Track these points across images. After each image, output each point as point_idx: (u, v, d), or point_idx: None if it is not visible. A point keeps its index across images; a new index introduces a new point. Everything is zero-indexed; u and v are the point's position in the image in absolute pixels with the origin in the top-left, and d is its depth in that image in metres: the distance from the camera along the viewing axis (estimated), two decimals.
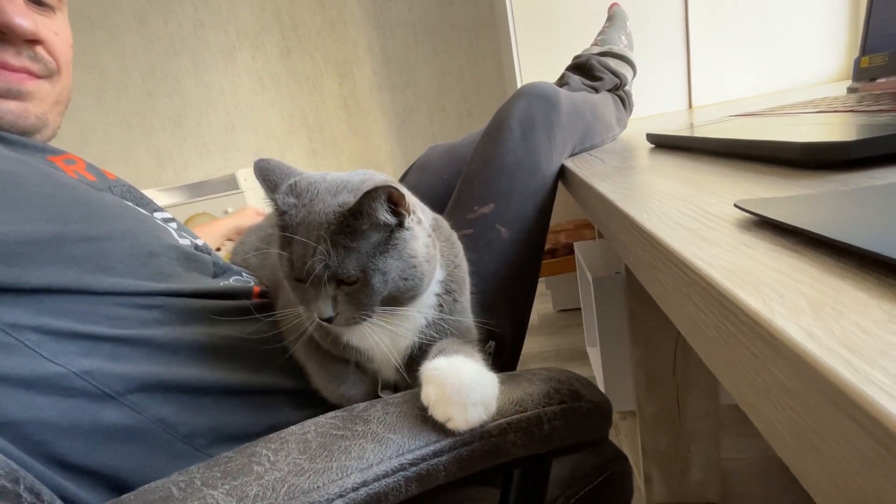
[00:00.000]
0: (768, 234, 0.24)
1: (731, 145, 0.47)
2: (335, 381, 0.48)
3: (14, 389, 0.37)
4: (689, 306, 0.23)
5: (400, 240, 0.41)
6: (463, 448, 0.34)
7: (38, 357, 0.38)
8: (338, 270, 0.39)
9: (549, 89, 0.73)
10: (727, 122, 0.66)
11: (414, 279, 0.42)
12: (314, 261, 0.38)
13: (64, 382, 0.39)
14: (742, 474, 1.00)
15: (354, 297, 0.40)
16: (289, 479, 0.29)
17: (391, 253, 0.40)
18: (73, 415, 0.39)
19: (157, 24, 2.34)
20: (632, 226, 0.33)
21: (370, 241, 0.39)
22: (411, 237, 0.42)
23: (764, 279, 0.19)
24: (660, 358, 0.90)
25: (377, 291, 0.40)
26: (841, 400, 0.13)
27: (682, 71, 1.45)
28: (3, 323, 0.37)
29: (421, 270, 0.42)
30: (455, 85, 2.31)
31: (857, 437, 0.12)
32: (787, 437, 0.16)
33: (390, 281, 0.40)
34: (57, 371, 0.39)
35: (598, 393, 0.43)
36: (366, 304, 0.40)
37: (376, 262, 0.40)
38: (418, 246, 0.42)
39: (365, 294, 0.40)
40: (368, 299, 0.40)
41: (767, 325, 0.16)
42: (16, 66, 0.48)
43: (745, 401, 0.18)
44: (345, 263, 0.39)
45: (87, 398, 0.40)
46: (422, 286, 0.43)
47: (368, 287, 0.40)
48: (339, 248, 0.38)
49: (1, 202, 0.39)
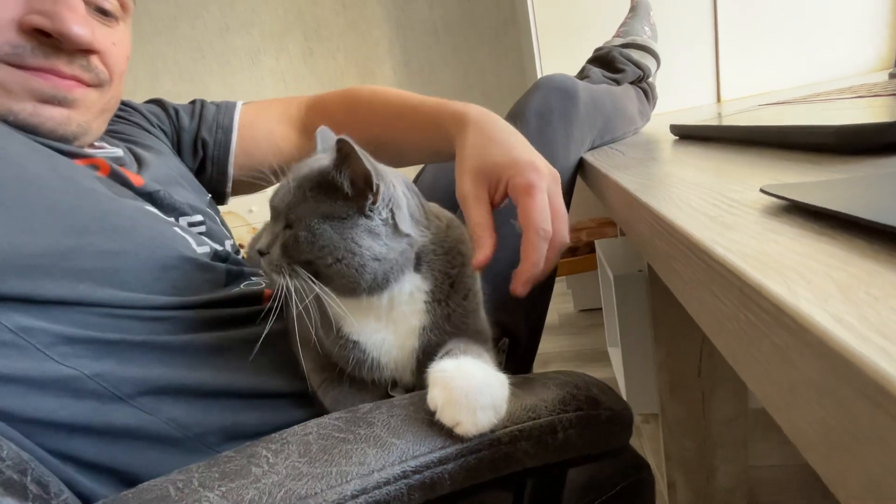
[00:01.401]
0: (797, 218, 0.22)
1: (759, 133, 0.44)
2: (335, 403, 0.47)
3: (26, 390, 0.37)
4: (708, 297, 0.22)
5: (352, 223, 0.41)
6: (470, 456, 0.33)
7: (49, 360, 0.38)
8: (282, 209, 0.42)
9: (567, 81, 0.71)
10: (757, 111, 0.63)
11: (344, 267, 0.40)
12: (278, 191, 0.43)
13: (75, 385, 0.39)
14: (771, 483, 0.95)
15: (286, 245, 0.42)
16: (286, 484, 0.28)
17: (335, 225, 0.40)
18: (85, 416, 0.40)
19: (184, 28, 2.40)
20: (648, 214, 0.31)
21: (323, 202, 0.41)
22: (367, 229, 0.41)
23: (789, 264, 0.17)
24: (684, 359, 0.87)
25: (301, 249, 0.41)
26: (878, 395, 0.11)
27: (710, 62, 1.40)
28: (16, 327, 0.37)
29: (358, 263, 0.40)
30: (476, 83, 2.29)
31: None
32: (816, 439, 0.14)
33: (316, 247, 0.40)
34: (69, 374, 0.39)
35: (618, 400, 0.41)
36: (290, 257, 0.41)
37: (314, 221, 0.40)
38: (370, 242, 0.41)
39: (293, 245, 0.41)
40: (294, 252, 0.41)
41: (792, 312, 0.14)
42: (66, 74, 0.48)
43: (769, 399, 0.17)
44: (292, 206, 0.41)
45: (99, 400, 0.40)
46: (357, 280, 0.41)
47: (296, 239, 0.41)
48: (298, 191, 0.41)
49: (20, 210, 0.39)
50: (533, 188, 0.44)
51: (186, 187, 0.63)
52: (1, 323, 0.37)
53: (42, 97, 0.47)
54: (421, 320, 0.45)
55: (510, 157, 0.47)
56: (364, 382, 0.47)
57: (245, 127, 0.72)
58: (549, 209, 0.45)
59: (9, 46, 0.44)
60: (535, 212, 0.44)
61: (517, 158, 0.47)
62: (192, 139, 0.71)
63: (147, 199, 0.54)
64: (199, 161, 0.71)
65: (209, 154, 0.71)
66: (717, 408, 0.87)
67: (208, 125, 0.71)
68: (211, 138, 0.71)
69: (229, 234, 0.65)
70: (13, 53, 0.44)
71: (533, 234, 0.44)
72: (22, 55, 0.45)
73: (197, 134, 0.71)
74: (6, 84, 0.45)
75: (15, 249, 0.37)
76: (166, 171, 0.62)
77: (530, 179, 0.45)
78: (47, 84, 0.47)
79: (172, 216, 0.56)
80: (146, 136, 0.67)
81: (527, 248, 0.44)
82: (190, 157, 0.71)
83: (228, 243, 0.62)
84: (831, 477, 0.13)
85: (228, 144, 0.71)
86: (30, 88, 0.46)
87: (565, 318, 1.87)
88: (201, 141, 0.71)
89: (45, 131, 0.48)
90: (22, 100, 0.46)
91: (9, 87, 0.45)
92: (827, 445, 0.13)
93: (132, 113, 0.69)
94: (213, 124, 0.72)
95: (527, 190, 0.44)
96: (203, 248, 0.54)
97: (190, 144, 0.71)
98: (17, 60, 0.45)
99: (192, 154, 0.71)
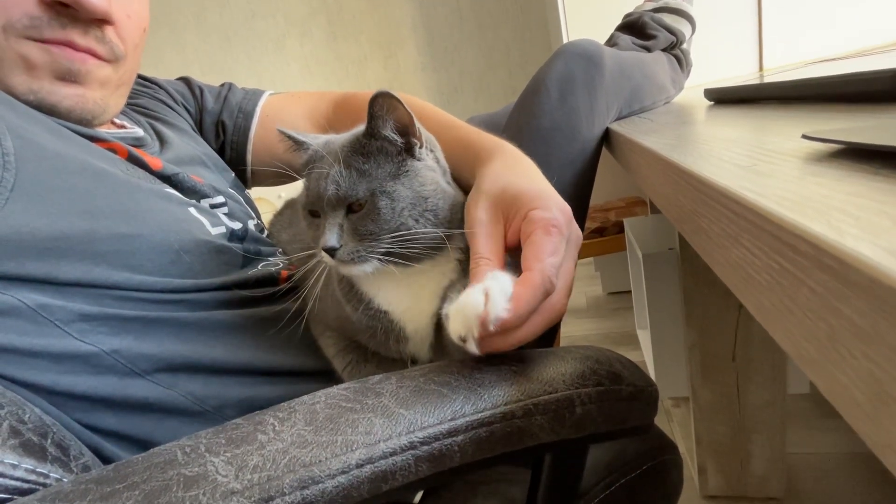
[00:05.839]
0: (844, 161, 0.20)
1: (802, 87, 0.40)
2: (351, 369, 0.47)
3: (46, 365, 0.38)
4: (737, 250, 0.19)
5: (411, 169, 0.40)
6: (482, 428, 0.31)
7: (68, 336, 0.39)
8: (348, 192, 0.39)
9: (591, 46, 0.67)
10: (802, 69, 0.57)
11: (425, 212, 0.40)
12: (326, 183, 0.39)
13: (94, 361, 0.40)
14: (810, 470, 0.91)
15: (361, 226, 0.39)
16: (291, 451, 0.27)
17: (402, 180, 0.40)
18: (105, 389, 0.40)
19: (213, 17, 2.43)
20: (674, 171, 0.29)
21: (382, 166, 0.39)
22: (424, 167, 0.41)
23: (833, 204, 0.15)
24: (718, 341, 0.83)
25: (384, 219, 0.38)
26: None
27: (753, 28, 1.30)
28: (35, 304, 0.38)
29: (433, 203, 0.41)
30: (501, 61, 2.24)
31: None
32: (861, 396, 0.12)
33: (398, 210, 0.39)
34: (87, 350, 0.40)
35: (643, 376, 0.39)
36: (372, 234, 0.39)
37: (385, 185, 0.39)
38: (429, 179, 0.41)
39: (372, 221, 0.39)
40: (376, 227, 0.39)
41: (834, 250, 0.12)
42: (81, 46, 0.47)
43: (805, 355, 0.14)
44: (355, 185, 0.38)
45: (117, 375, 0.41)
46: (433, 222, 0.41)
47: (376, 212, 0.38)
48: (352, 170, 0.39)
49: (39, 193, 0.39)
50: (555, 228, 0.36)
51: (210, 167, 0.63)
52: (20, 300, 0.37)
53: (58, 72, 0.47)
54: (451, 278, 0.44)
55: (537, 189, 0.39)
56: (388, 362, 0.47)
57: (268, 116, 0.71)
58: (560, 263, 0.36)
59: (28, 19, 0.44)
60: (549, 253, 0.35)
61: (544, 192, 0.39)
62: (213, 121, 0.71)
63: (166, 181, 0.54)
64: (219, 144, 0.71)
65: (228, 138, 0.71)
66: (753, 392, 0.83)
67: (231, 109, 0.71)
68: (231, 122, 0.71)
69: (254, 215, 0.65)
70: (31, 26, 0.44)
71: (537, 275, 0.33)
72: (40, 27, 0.45)
73: (219, 116, 0.71)
74: (29, 58, 0.45)
75: (32, 233, 0.38)
76: (188, 150, 0.62)
77: (555, 218, 0.36)
78: (63, 55, 0.47)
79: (193, 198, 0.56)
80: (170, 113, 0.67)
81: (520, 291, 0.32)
82: (212, 139, 0.71)
83: (252, 223, 0.62)
84: (879, 439, 0.11)
85: (248, 131, 0.71)
86: (48, 61, 0.46)
87: (593, 300, 1.83)
88: (221, 124, 0.71)
89: (63, 111, 0.48)
90: (38, 77, 0.46)
91: (32, 62, 0.45)
92: (875, 402, 0.11)
93: (157, 90, 0.69)
94: (235, 109, 0.71)
95: (547, 228, 0.36)
96: (218, 228, 0.54)
97: (211, 126, 0.71)
98: (35, 34, 0.45)
99: (214, 136, 0.71)
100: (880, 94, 0.31)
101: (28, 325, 0.38)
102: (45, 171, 0.40)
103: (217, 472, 0.26)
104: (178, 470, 0.27)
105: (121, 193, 0.45)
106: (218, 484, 0.25)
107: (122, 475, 0.27)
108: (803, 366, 0.15)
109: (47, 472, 0.30)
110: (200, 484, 0.25)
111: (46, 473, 0.30)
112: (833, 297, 0.12)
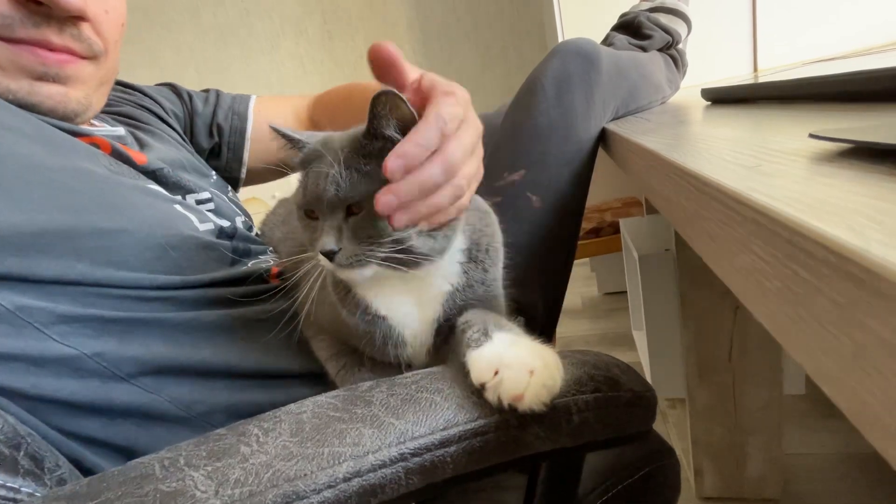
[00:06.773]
0: (855, 161, 0.19)
1: (804, 86, 0.40)
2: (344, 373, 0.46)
3: (26, 369, 0.37)
4: (745, 256, 0.18)
5: None
6: (475, 439, 0.30)
7: (49, 339, 0.37)
8: (348, 194, 0.37)
9: (588, 45, 0.66)
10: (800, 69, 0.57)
11: None
12: (326, 183, 0.37)
13: (75, 364, 0.38)
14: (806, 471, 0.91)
15: (361, 229, 0.37)
16: (274, 464, 0.26)
17: None
18: (87, 394, 0.39)
19: (207, 16, 2.40)
20: (673, 171, 0.28)
21: None
22: None
23: (851, 207, 0.14)
24: (714, 342, 0.82)
25: (385, 222, 0.37)
26: None
27: (748, 28, 1.30)
28: (13, 306, 0.36)
29: None
30: (497, 61, 2.23)
31: None
32: (890, 419, 0.11)
33: None
34: (68, 353, 0.38)
35: (641, 382, 0.38)
36: (372, 238, 0.37)
37: None
38: None
39: (372, 225, 0.37)
40: (376, 231, 0.37)
41: (860, 258, 0.11)
42: (57, 45, 0.46)
43: (823, 371, 0.13)
44: (356, 187, 0.37)
45: (99, 379, 0.39)
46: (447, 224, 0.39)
47: (376, 215, 0.37)
48: (352, 171, 0.37)
49: (18, 189, 0.38)
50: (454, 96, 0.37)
51: (190, 171, 0.62)
52: None
53: (34, 74, 0.45)
54: (453, 283, 0.43)
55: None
56: (383, 366, 0.46)
57: (260, 115, 0.73)
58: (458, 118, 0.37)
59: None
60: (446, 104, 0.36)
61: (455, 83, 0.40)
62: (206, 124, 0.72)
63: (150, 176, 0.53)
64: (214, 146, 0.72)
65: (225, 139, 0.72)
66: (749, 393, 0.82)
67: (224, 111, 0.72)
68: (227, 124, 0.72)
69: (240, 212, 0.63)
70: (2, 25, 0.42)
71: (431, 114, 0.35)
72: (11, 26, 0.43)
73: (212, 119, 0.72)
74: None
75: (11, 228, 0.36)
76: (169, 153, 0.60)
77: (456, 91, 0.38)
78: (36, 60, 0.45)
79: (178, 194, 0.55)
80: (152, 120, 0.65)
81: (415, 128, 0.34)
82: (205, 141, 0.71)
83: (239, 220, 0.60)
84: None
85: (244, 131, 0.72)
86: (20, 65, 0.44)
87: (588, 301, 1.82)
88: (217, 126, 0.72)
89: (44, 110, 0.47)
90: (16, 77, 0.45)
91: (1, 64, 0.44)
92: None
93: (141, 97, 0.68)
94: (228, 111, 0.72)
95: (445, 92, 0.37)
96: (206, 224, 0.53)
97: (204, 129, 0.71)
98: (6, 33, 0.43)
99: (207, 138, 0.71)
100: (882, 93, 0.30)
101: (6, 328, 0.36)
102: (23, 166, 0.39)
103: (196, 488, 0.25)
104: (155, 485, 0.25)
105: (104, 188, 0.44)
106: (197, 500, 0.24)
107: (95, 491, 0.25)
108: (821, 381, 0.14)
109: (18, 487, 0.29)
110: (178, 500, 0.24)
111: (17, 488, 0.29)
112: (858, 310, 0.11)
